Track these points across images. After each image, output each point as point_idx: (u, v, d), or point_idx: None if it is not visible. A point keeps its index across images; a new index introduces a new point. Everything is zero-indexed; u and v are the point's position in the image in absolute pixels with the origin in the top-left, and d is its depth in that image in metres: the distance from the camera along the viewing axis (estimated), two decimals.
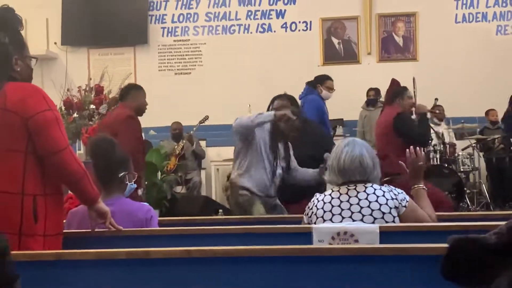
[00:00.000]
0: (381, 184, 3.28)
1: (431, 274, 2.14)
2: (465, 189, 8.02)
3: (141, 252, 2.30)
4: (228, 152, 9.23)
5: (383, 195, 3.11)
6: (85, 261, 2.30)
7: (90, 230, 2.99)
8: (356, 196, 3.12)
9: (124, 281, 2.28)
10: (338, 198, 3.15)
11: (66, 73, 10.97)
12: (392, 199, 3.11)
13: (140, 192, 5.34)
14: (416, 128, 6.10)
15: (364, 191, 3.13)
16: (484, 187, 8.65)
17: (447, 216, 3.53)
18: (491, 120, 9.74)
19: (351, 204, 3.11)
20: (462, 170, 8.33)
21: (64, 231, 2.95)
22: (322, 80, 7.72)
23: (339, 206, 3.13)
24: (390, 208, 3.08)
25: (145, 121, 9.90)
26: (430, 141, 7.70)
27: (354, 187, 3.16)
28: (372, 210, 3.08)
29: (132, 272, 2.28)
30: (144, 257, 2.28)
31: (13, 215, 2.63)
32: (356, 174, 3.20)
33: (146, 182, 6.91)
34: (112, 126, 5.53)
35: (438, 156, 8.08)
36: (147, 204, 3.52)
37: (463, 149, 8.74)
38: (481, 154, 8.96)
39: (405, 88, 6.30)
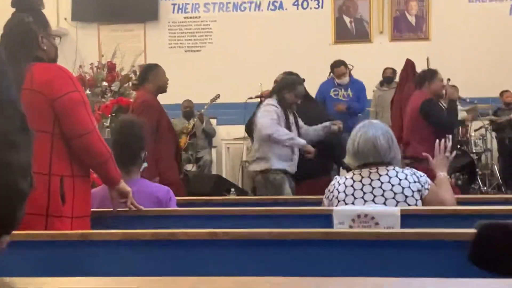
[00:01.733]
0: (402, 167, 3.27)
1: (456, 260, 2.14)
2: (477, 170, 7.99)
3: (167, 233, 2.30)
4: (238, 130, 9.22)
5: (406, 178, 3.10)
6: (111, 242, 2.31)
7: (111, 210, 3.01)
8: (378, 179, 3.11)
9: (150, 261, 2.28)
10: (360, 181, 3.14)
11: (76, 49, 10.92)
12: (415, 182, 3.09)
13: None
14: (444, 115, 5.93)
15: (387, 174, 3.12)
16: (496, 168, 8.63)
17: (471, 199, 3.52)
18: (505, 102, 9.66)
19: (373, 188, 3.10)
20: (474, 151, 8.30)
21: None
22: (332, 68, 7.96)
23: (361, 189, 3.12)
24: (413, 191, 3.07)
25: None
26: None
27: (376, 170, 3.14)
28: (395, 194, 3.07)
29: (157, 253, 2.29)
30: (170, 238, 2.28)
31: (40, 196, 2.63)
32: (370, 156, 3.18)
33: None
34: (132, 113, 5.55)
35: (450, 136, 8.01)
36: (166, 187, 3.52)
37: (475, 130, 8.69)
38: (493, 135, 8.92)
39: (435, 71, 6.12)
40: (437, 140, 3.51)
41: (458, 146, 8.00)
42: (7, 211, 1.37)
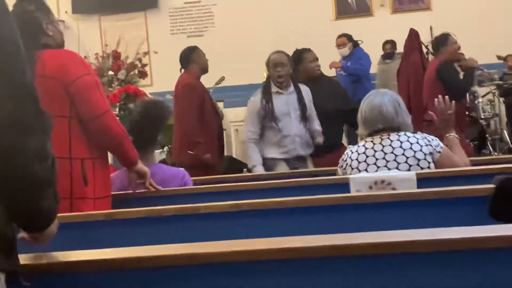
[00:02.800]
0: (414, 132, 3.29)
1: (476, 216, 2.17)
2: (486, 136, 8.00)
3: (190, 208, 2.35)
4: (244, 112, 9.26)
5: (417, 142, 3.13)
6: (136, 219, 2.35)
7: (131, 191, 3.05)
8: (390, 145, 3.14)
9: (175, 237, 2.32)
10: (372, 148, 3.17)
11: (79, 41, 10.94)
12: (426, 145, 3.12)
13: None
14: (459, 79, 5.97)
15: (398, 139, 3.15)
16: (505, 133, 8.63)
17: (483, 161, 3.54)
18: (510, 66, 9.66)
19: (385, 153, 3.13)
20: (483, 117, 8.29)
21: None
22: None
23: (373, 156, 3.15)
24: (425, 154, 3.09)
25: (161, 85, 9.96)
26: None
27: (387, 136, 3.17)
28: (407, 158, 3.10)
29: (182, 228, 2.33)
30: (193, 213, 2.32)
31: (63, 180, 2.67)
32: (378, 123, 3.21)
33: (169, 146, 6.96)
34: (176, 96, 5.68)
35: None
36: (182, 169, 3.56)
37: (483, 96, 8.68)
38: (501, 100, 8.91)
39: (447, 35, 6.15)
40: (436, 99, 3.51)
41: (467, 113, 8.00)
42: (26, 199, 1.32)
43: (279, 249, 1.38)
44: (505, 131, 8.69)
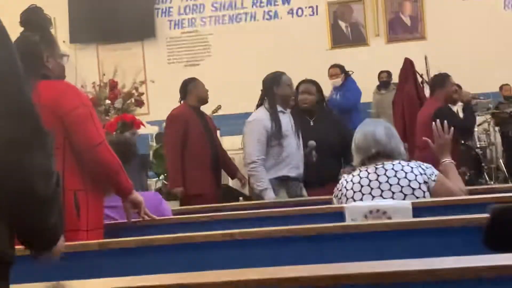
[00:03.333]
0: (408, 160, 3.30)
1: (470, 245, 2.16)
2: (482, 164, 8.01)
3: (185, 237, 2.33)
4: (241, 141, 9.26)
5: (412, 171, 3.13)
6: (130, 249, 2.33)
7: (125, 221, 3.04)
8: (385, 174, 3.14)
9: (170, 266, 2.30)
10: (367, 177, 3.17)
11: (76, 71, 10.98)
12: (421, 174, 3.12)
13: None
14: (459, 120, 5.88)
15: (392, 168, 3.15)
16: (501, 162, 8.65)
17: (479, 190, 3.54)
18: (505, 95, 9.73)
19: (380, 183, 3.13)
20: (478, 146, 8.32)
21: None
22: (329, 70, 7.98)
23: (368, 185, 3.15)
24: (420, 183, 3.09)
25: (157, 113, 9.96)
26: None
27: (382, 165, 3.17)
28: (402, 187, 3.09)
29: (177, 257, 2.31)
30: (188, 242, 2.31)
31: None
32: (371, 148, 3.23)
33: (165, 174, 6.96)
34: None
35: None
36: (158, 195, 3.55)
37: (478, 125, 8.71)
38: (496, 129, 8.95)
39: (446, 76, 6.06)
40: (433, 123, 3.52)
41: (462, 142, 8.03)
42: (32, 217, 1.33)
43: (273, 279, 1.37)
44: (501, 160, 8.71)
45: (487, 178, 8.15)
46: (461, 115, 6.26)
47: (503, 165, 8.60)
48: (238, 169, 6.12)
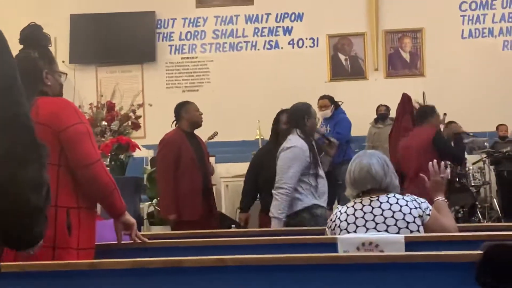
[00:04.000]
0: (402, 193, 3.30)
1: (463, 282, 2.16)
2: (476, 203, 8.01)
3: (175, 261, 2.31)
4: (237, 168, 9.26)
5: (407, 205, 3.12)
6: (120, 270, 2.31)
7: (116, 242, 3.01)
8: (379, 207, 3.13)
9: None
10: (361, 209, 3.16)
11: (74, 91, 11.02)
12: (416, 208, 3.12)
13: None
14: (454, 147, 6.21)
15: (387, 201, 3.14)
16: (495, 202, 8.65)
17: (472, 227, 3.54)
18: (500, 135, 9.78)
19: (374, 215, 3.12)
20: (473, 184, 8.33)
21: None
22: (318, 100, 7.95)
23: (362, 217, 3.14)
24: (414, 217, 3.09)
25: (154, 137, 9.98)
26: None
27: (376, 197, 3.17)
28: (396, 220, 3.09)
29: (166, 281, 2.29)
30: (178, 266, 2.29)
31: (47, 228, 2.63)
32: (367, 184, 3.22)
33: (158, 199, 6.94)
34: None
35: (448, 171, 8.07)
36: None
37: (473, 164, 8.74)
38: (491, 168, 8.97)
39: (433, 106, 6.32)
40: (430, 163, 3.53)
41: (457, 180, 8.04)
42: (20, 227, 1.34)
43: None
44: (495, 199, 8.72)
45: (480, 217, 8.14)
46: None
47: (496, 204, 8.60)
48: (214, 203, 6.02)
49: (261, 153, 5.77)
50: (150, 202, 6.94)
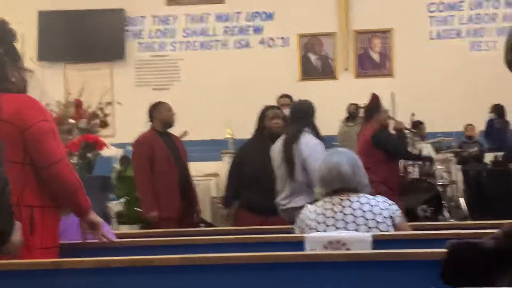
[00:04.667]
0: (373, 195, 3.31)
1: (427, 279, 2.17)
2: (443, 202, 8.10)
3: (141, 260, 2.29)
4: (207, 167, 9.23)
5: (377, 205, 3.13)
6: (84, 270, 2.28)
7: (81, 241, 2.98)
8: (350, 206, 3.13)
9: None
10: (331, 209, 3.16)
11: (42, 88, 10.86)
12: (386, 208, 3.13)
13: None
14: (397, 142, 6.42)
15: (358, 201, 3.15)
16: (461, 200, 8.75)
17: (438, 226, 3.57)
18: (467, 135, 9.91)
19: (345, 214, 3.12)
20: (440, 183, 8.42)
21: None
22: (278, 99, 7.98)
23: (332, 217, 3.14)
24: (385, 217, 3.10)
25: (123, 136, 9.90)
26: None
27: (347, 197, 3.17)
28: (367, 220, 3.09)
29: (132, 280, 2.27)
30: (144, 265, 2.27)
31: None
32: (336, 183, 3.22)
33: (127, 197, 6.89)
34: None
35: (416, 170, 8.17)
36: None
37: (440, 163, 8.84)
38: (458, 167, 9.08)
39: (379, 103, 6.57)
40: None
41: (424, 179, 8.13)
42: None
43: None
44: (461, 198, 8.83)
45: (447, 216, 8.23)
46: None
47: (463, 203, 8.71)
48: (197, 202, 6.04)
49: (245, 149, 5.74)
50: (118, 201, 6.88)
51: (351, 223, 3.09)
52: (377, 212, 3.10)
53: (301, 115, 4.97)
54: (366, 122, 6.56)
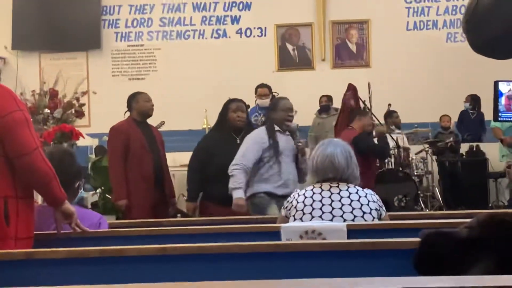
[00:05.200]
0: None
1: (401, 268, 2.18)
2: (419, 192, 8.16)
3: (115, 250, 2.28)
4: (184, 157, 9.17)
5: (365, 196, 3.20)
6: (57, 260, 2.27)
7: (55, 231, 2.95)
8: (339, 193, 3.19)
9: (97, 279, 2.24)
10: (320, 193, 3.21)
11: (17, 77, 10.74)
12: (374, 201, 3.20)
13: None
14: (375, 144, 6.59)
15: (347, 189, 3.21)
16: (437, 191, 8.83)
17: (413, 216, 3.60)
18: (443, 126, 9.99)
19: (332, 200, 3.18)
20: (416, 174, 8.49)
21: None
22: (256, 89, 7.96)
23: (320, 201, 3.19)
24: (371, 209, 3.16)
25: (99, 126, 9.84)
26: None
27: (337, 184, 3.22)
28: (353, 208, 3.15)
29: (105, 270, 2.26)
30: (118, 255, 2.26)
31: None
32: (328, 173, 3.26)
33: (102, 188, 6.83)
34: None
35: (392, 160, 8.21)
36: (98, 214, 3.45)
37: (416, 154, 8.90)
38: (434, 158, 9.15)
39: (366, 112, 6.82)
40: None
41: (400, 169, 8.18)
42: None
43: None
44: (437, 188, 8.90)
45: (423, 206, 8.30)
46: None
47: (438, 193, 8.79)
48: (174, 194, 5.99)
49: (207, 140, 5.69)
50: (94, 192, 6.83)
51: (337, 209, 3.14)
52: (364, 202, 3.16)
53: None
54: (348, 121, 6.59)
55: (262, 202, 4.80)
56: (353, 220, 3.08)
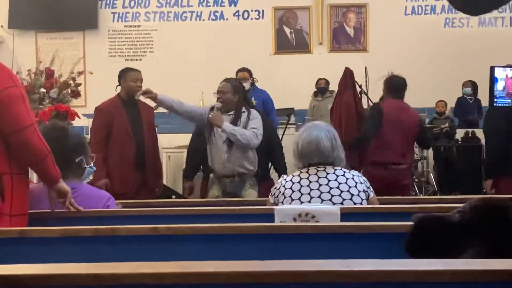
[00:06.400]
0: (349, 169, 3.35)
1: (393, 251, 2.19)
2: (413, 177, 8.18)
3: (108, 229, 2.29)
4: (179, 139, 9.19)
5: (352, 178, 3.20)
6: (50, 238, 2.27)
7: (49, 210, 2.95)
8: (326, 177, 3.19)
9: (91, 258, 2.25)
10: (307, 178, 3.21)
11: (13, 56, 10.70)
12: (361, 183, 3.20)
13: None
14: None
15: (334, 173, 3.22)
16: (431, 176, 8.86)
17: (406, 200, 3.61)
18: (438, 111, 9.99)
19: (320, 185, 3.18)
20: None
21: None
22: (237, 73, 7.82)
23: (308, 186, 3.19)
24: (359, 191, 3.16)
25: (94, 107, 9.80)
26: None
27: (323, 168, 3.22)
28: (341, 191, 3.15)
29: (99, 249, 2.27)
30: (111, 234, 2.26)
31: None
32: (314, 157, 3.27)
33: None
34: None
35: None
36: (106, 192, 3.43)
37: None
38: None
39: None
40: None
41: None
42: None
43: (189, 273, 1.35)
44: (431, 174, 8.93)
45: (417, 191, 8.33)
46: None
47: (432, 178, 8.81)
48: (161, 176, 5.81)
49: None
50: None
51: (326, 193, 3.15)
52: (351, 185, 3.16)
53: None
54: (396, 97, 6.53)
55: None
56: (341, 203, 3.09)
